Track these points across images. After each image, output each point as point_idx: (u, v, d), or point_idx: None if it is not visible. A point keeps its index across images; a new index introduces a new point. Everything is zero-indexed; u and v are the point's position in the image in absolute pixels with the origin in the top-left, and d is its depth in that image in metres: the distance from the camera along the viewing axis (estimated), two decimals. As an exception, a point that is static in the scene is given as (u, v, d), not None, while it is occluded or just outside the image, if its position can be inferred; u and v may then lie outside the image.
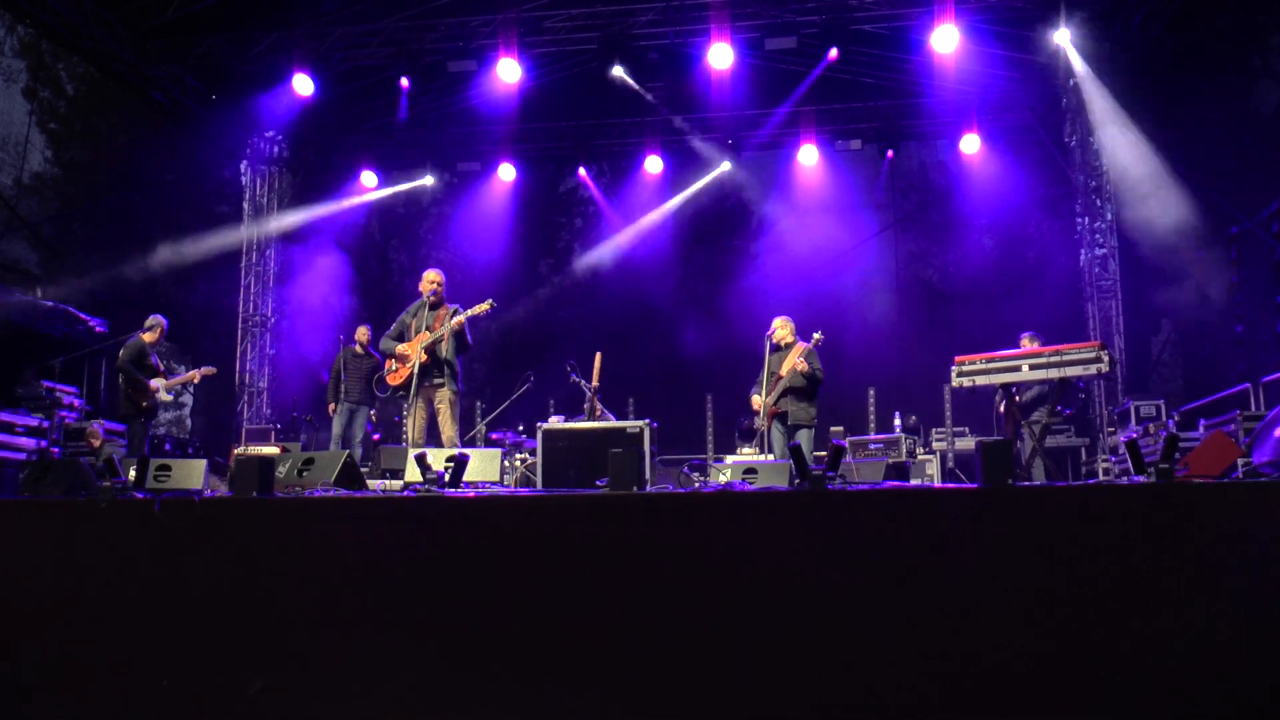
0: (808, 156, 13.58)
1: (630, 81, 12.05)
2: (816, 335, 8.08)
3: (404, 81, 11.93)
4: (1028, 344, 8.76)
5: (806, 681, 3.57)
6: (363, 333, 10.74)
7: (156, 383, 8.59)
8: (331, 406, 10.44)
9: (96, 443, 9.86)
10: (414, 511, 4.04)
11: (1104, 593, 3.43)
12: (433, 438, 7.62)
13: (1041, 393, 8.79)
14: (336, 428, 10.33)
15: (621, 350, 12.83)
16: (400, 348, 7.52)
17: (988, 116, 13.34)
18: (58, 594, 4.20)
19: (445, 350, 7.48)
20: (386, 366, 7.72)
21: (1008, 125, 13.56)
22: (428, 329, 7.53)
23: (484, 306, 7.45)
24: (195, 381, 9.17)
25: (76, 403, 10.70)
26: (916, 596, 3.55)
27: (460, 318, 7.44)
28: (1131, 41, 11.33)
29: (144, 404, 8.53)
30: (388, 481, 6.77)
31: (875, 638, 3.55)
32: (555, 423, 7.22)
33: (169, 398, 8.66)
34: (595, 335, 13.53)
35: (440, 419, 7.53)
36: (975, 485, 3.80)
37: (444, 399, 7.51)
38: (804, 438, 8.00)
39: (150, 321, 9.00)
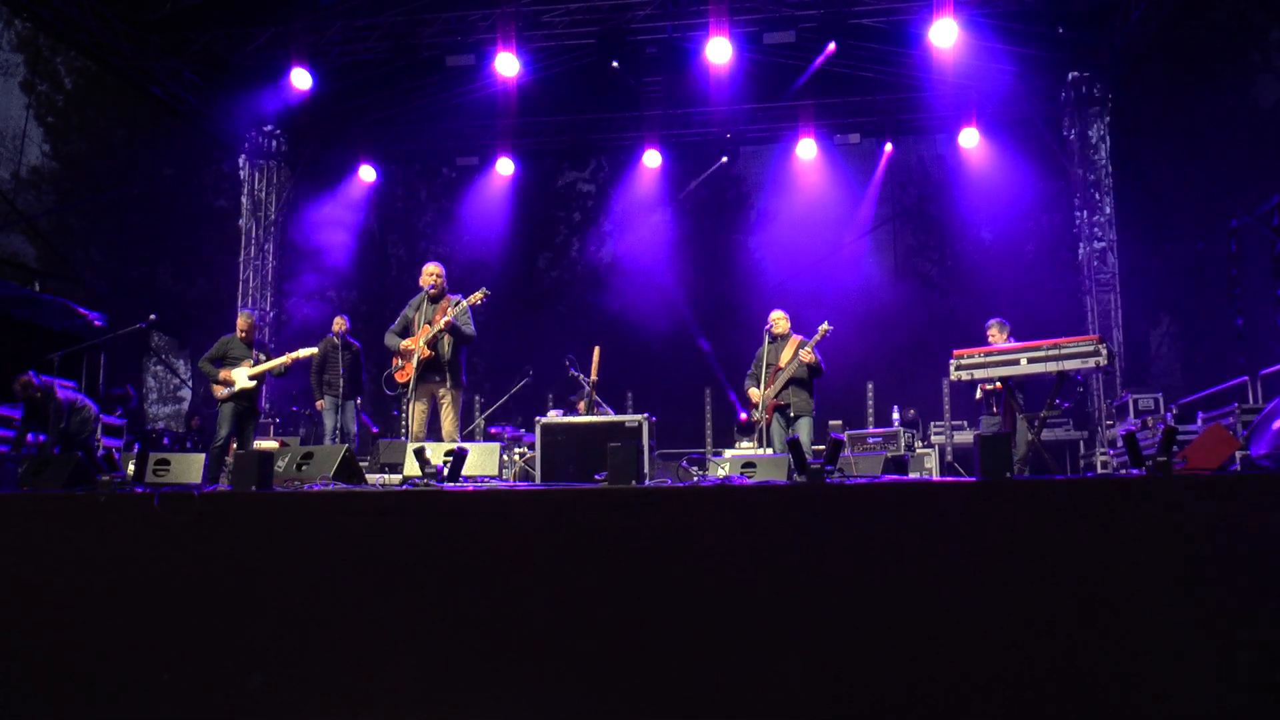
0: (806, 150, 13.55)
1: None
2: (825, 326, 8.07)
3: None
4: (995, 333, 8.70)
5: (803, 678, 3.57)
6: (339, 322, 10.27)
7: (237, 372, 8.64)
8: (319, 402, 10.29)
9: (35, 392, 9.27)
10: (413, 506, 4.04)
11: (1101, 585, 3.44)
12: (432, 432, 7.60)
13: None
14: (329, 421, 10.19)
15: (620, 344, 12.84)
16: (404, 344, 7.47)
17: (986, 110, 13.32)
18: (56, 588, 4.20)
19: (446, 348, 7.45)
20: (394, 364, 7.65)
21: (1006, 119, 13.54)
22: (429, 323, 7.48)
23: (478, 296, 7.36)
24: (287, 365, 9.07)
25: (75, 397, 10.67)
26: (915, 591, 3.56)
27: (458, 306, 7.39)
28: (1130, 36, 11.33)
29: (220, 394, 8.65)
30: (386, 476, 6.77)
31: (873, 633, 3.56)
32: (554, 417, 7.23)
33: (250, 384, 8.68)
34: (594, 329, 13.54)
35: (442, 414, 7.47)
36: (974, 479, 3.80)
37: (447, 396, 7.46)
38: (804, 427, 8.02)
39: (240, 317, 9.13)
